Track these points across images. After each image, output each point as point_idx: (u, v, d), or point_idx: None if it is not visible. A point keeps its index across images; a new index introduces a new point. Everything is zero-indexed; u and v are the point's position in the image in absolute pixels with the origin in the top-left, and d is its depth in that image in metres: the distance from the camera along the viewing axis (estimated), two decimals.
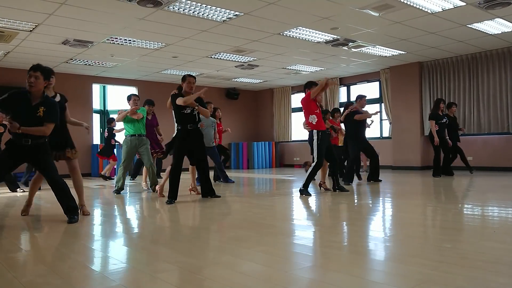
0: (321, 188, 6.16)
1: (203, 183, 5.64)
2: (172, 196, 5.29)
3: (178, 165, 5.38)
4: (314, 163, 5.70)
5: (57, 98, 4.42)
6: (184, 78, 5.44)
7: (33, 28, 6.90)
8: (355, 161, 7.40)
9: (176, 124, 5.47)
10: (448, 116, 8.46)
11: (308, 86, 5.87)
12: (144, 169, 7.00)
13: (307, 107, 5.76)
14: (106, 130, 9.54)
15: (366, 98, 7.55)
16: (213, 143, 7.39)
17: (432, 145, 8.36)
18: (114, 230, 3.94)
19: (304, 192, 5.67)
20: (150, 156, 6.69)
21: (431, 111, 8.73)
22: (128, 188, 7.29)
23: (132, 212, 5.07)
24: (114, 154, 9.51)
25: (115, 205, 5.56)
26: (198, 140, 5.48)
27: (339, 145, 8.18)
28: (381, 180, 7.48)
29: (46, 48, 8.21)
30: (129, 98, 6.73)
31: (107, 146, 9.37)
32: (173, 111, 5.46)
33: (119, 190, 6.53)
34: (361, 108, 7.37)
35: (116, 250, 3.11)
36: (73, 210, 4.10)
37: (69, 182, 4.26)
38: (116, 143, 9.53)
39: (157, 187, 6.29)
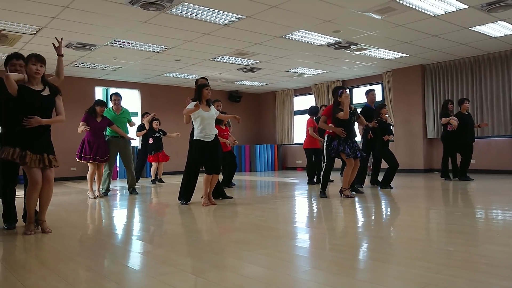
0: (342, 194, 5.78)
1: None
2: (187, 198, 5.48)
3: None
4: (325, 165, 5.89)
5: None
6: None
7: (37, 32, 6.94)
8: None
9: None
10: (461, 114, 8.08)
11: (336, 92, 5.77)
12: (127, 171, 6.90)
13: (329, 114, 5.79)
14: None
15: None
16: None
17: (444, 146, 8.29)
18: (116, 232, 3.94)
19: (321, 194, 5.85)
20: (130, 159, 6.79)
21: (440, 112, 8.57)
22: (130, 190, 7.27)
23: (133, 214, 5.07)
24: (159, 153, 9.17)
25: (115, 207, 5.57)
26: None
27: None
28: (363, 193, 6.39)
29: (49, 51, 8.15)
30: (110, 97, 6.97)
31: (147, 146, 9.12)
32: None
33: (106, 192, 6.62)
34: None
35: (118, 252, 3.11)
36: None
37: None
38: (152, 142, 9.12)
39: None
